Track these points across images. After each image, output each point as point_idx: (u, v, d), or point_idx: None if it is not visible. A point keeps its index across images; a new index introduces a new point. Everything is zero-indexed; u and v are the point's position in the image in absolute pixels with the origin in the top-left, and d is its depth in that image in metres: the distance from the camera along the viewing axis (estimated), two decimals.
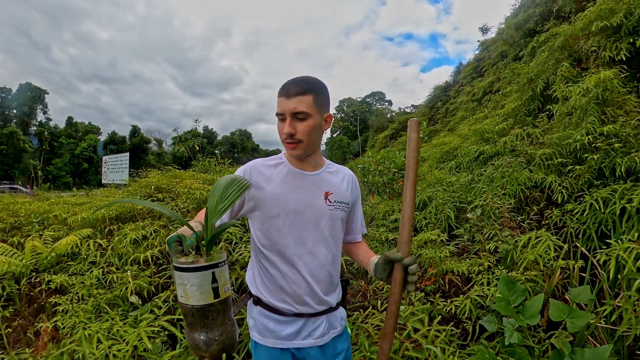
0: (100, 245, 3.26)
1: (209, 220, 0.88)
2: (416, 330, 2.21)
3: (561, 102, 4.22)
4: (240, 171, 1.26)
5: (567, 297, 2.31)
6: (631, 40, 4.17)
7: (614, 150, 3.03)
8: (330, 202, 1.27)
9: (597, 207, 2.78)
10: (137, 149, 54.06)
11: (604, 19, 4.52)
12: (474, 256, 2.85)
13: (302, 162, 1.28)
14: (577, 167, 3.21)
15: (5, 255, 3.14)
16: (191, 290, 0.83)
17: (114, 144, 54.82)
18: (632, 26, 4.22)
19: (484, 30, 15.66)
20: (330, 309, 1.29)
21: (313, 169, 1.30)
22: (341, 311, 1.37)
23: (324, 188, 1.27)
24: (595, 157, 3.06)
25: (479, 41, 14.43)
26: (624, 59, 4.15)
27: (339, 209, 1.28)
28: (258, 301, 1.26)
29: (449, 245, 3.05)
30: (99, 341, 2.12)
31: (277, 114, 1.19)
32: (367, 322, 2.32)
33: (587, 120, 3.43)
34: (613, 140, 3.08)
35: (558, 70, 4.82)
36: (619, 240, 2.28)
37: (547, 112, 4.70)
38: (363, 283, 2.87)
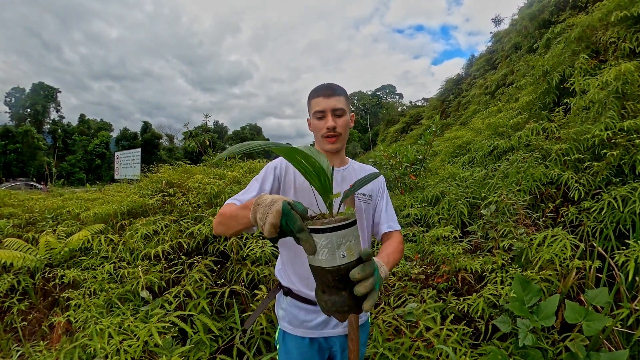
0: (112, 240, 3.29)
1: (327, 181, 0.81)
2: (428, 329, 2.18)
3: (579, 96, 4.10)
4: (276, 162, 1.35)
5: (582, 299, 2.25)
6: None
7: (635, 147, 2.93)
8: (354, 194, 1.33)
9: (615, 205, 2.69)
10: (148, 144, 54.41)
11: (623, 8, 4.37)
12: (487, 254, 2.80)
13: (331, 158, 1.37)
14: (595, 163, 3.12)
15: (21, 251, 3.20)
16: (349, 245, 0.79)
17: (126, 140, 55.31)
18: None
19: (497, 21, 15.30)
20: None
21: (339, 165, 1.41)
22: None
23: (349, 181, 1.37)
24: (614, 153, 2.96)
25: (491, 33, 14.10)
26: None
27: (362, 200, 1.37)
28: (289, 292, 1.33)
29: (462, 241, 3.00)
30: (110, 336, 2.15)
31: (315, 112, 1.33)
32: (378, 318, 2.30)
33: (606, 115, 3.33)
34: (634, 136, 2.98)
35: (576, 63, 4.69)
36: (638, 241, 2.21)
37: (564, 106, 4.57)
38: None
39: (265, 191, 1.27)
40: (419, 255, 2.99)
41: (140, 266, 2.77)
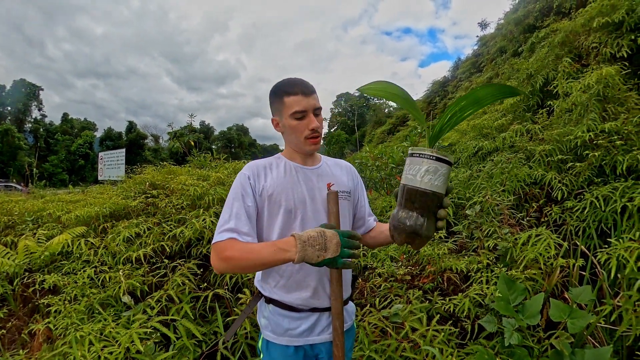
0: (93, 244, 3.21)
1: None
2: (414, 330, 2.18)
3: (562, 98, 4.18)
4: (246, 170, 1.27)
5: (566, 296, 2.28)
6: (633, 37, 4.13)
7: (615, 148, 2.99)
8: None
9: (597, 205, 2.75)
10: (133, 144, 53.50)
11: (605, 15, 4.48)
12: (472, 253, 2.82)
13: (304, 158, 1.34)
14: (578, 164, 3.18)
15: None
16: (443, 179, 0.95)
17: (110, 140, 54.18)
18: (634, 23, 4.18)
19: (483, 25, 15.57)
20: (344, 302, 1.31)
21: (313, 164, 1.36)
22: (351, 305, 1.40)
23: (325, 180, 1.32)
24: (596, 154, 3.02)
25: (477, 36, 14.33)
26: (625, 55, 4.11)
27: (341, 197, 1.31)
28: (271, 300, 1.28)
29: (447, 242, 3.02)
30: (90, 343, 2.08)
31: (295, 112, 1.22)
32: (364, 320, 2.29)
33: (588, 117, 3.40)
34: (614, 137, 3.05)
35: (559, 66, 4.78)
36: (620, 239, 2.25)
37: (547, 108, 4.66)
38: (361, 280, 2.84)
39: (250, 208, 1.21)
40: (405, 256, 3.00)
41: (121, 270, 2.70)
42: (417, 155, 0.96)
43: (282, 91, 1.25)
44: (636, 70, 4.08)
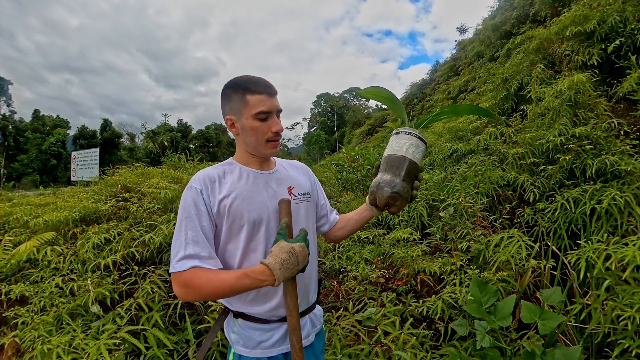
0: (62, 250, 3.03)
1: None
2: (387, 334, 2.14)
3: (535, 103, 4.26)
4: (196, 184, 1.14)
5: (538, 296, 2.31)
6: (603, 47, 4.25)
7: (585, 152, 3.06)
8: (295, 195, 1.25)
9: (568, 207, 2.80)
10: (108, 143, 51.30)
11: (578, 24, 4.60)
12: (446, 255, 2.82)
13: (261, 162, 1.25)
14: (549, 167, 3.23)
15: None
16: (422, 155, 1.19)
17: (84, 139, 51.53)
18: (604, 33, 4.30)
19: (462, 30, 15.91)
20: (311, 308, 1.29)
21: (269, 168, 1.28)
22: (319, 309, 1.37)
23: (285, 183, 1.26)
24: (567, 157, 3.08)
25: (456, 41, 14.58)
26: (596, 64, 4.23)
27: (303, 200, 1.28)
28: (240, 314, 1.21)
29: (421, 243, 3.01)
30: (58, 356, 1.97)
31: (259, 113, 1.13)
32: (338, 324, 2.24)
33: (560, 122, 3.46)
34: (584, 142, 3.11)
35: (533, 72, 4.88)
36: (589, 241, 2.29)
37: (521, 112, 4.75)
38: (335, 283, 2.79)
39: (206, 228, 1.10)
40: (379, 258, 2.97)
41: (89, 279, 2.57)
42: (404, 132, 1.19)
43: (244, 88, 1.14)
44: (605, 78, 4.20)
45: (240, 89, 1.15)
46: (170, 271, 1.09)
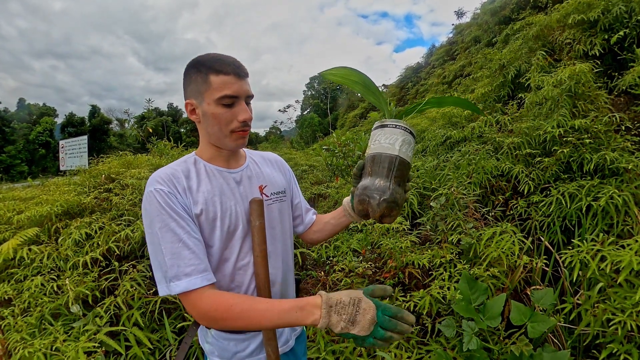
0: (42, 248, 2.87)
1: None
2: None
3: (533, 91, 4.13)
4: (162, 186, 0.95)
5: (528, 292, 2.24)
6: (606, 37, 4.12)
7: (584, 146, 2.95)
8: (267, 195, 1.11)
9: (563, 201, 2.71)
10: (97, 130, 49.63)
11: (581, 12, 4.45)
12: (435, 246, 2.72)
13: (226, 158, 1.08)
14: (546, 159, 3.13)
15: None
16: (408, 147, 0.95)
17: (73, 127, 49.40)
18: (608, 23, 4.16)
19: (459, 14, 15.56)
20: None
21: (237, 163, 1.11)
22: None
23: (256, 182, 1.11)
24: (564, 150, 2.98)
25: (453, 24, 14.27)
26: (598, 54, 4.10)
27: (277, 200, 1.14)
28: None
29: (411, 233, 2.90)
30: None
31: (223, 97, 0.94)
32: None
33: (559, 112, 3.34)
34: (584, 135, 3.00)
35: (532, 59, 4.74)
36: (584, 240, 2.21)
37: (518, 100, 4.62)
38: (322, 274, 2.69)
39: (195, 233, 0.95)
40: (368, 249, 2.86)
41: (69, 278, 2.44)
42: (393, 126, 0.95)
43: (208, 67, 0.95)
44: (606, 69, 4.08)
45: (203, 67, 0.96)
46: (177, 291, 0.91)
